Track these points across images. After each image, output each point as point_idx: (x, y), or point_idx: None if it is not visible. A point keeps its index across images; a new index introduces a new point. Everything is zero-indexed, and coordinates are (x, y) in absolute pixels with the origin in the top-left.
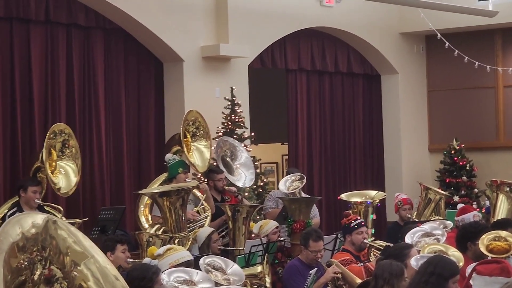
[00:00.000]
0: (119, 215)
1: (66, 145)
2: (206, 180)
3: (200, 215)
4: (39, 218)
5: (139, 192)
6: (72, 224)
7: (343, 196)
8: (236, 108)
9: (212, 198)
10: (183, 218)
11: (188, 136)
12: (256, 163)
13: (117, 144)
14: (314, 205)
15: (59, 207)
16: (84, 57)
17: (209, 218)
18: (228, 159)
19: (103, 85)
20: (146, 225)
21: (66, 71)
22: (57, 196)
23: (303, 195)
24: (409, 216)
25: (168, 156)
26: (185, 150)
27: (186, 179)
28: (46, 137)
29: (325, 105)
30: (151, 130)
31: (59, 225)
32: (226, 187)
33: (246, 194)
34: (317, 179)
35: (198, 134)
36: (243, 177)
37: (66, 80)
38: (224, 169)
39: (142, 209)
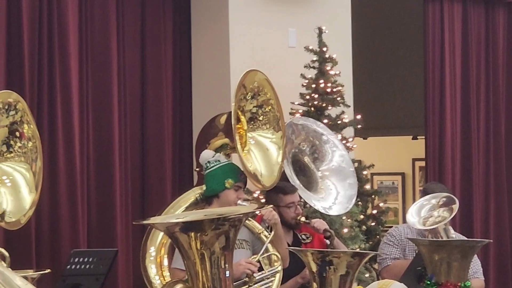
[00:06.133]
0: (106, 265)
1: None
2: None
3: (258, 270)
4: None
5: (143, 222)
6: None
7: None
8: (327, 68)
9: (284, 238)
10: (227, 274)
11: (243, 120)
12: (363, 173)
13: (101, 134)
14: (476, 255)
15: (2, 250)
16: None
17: (278, 276)
18: (306, 159)
19: (75, 30)
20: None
21: None
22: None
23: (453, 234)
24: None
25: (206, 155)
26: (238, 146)
27: (239, 201)
28: None
29: (497, 65)
30: (167, 107)
31: None
32: (302, 218)
33: (345, 230)
34: (481, 204)
35: (261, 118)
36: (332, 196)
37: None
38: (297, 182)
39: (153, 254)
